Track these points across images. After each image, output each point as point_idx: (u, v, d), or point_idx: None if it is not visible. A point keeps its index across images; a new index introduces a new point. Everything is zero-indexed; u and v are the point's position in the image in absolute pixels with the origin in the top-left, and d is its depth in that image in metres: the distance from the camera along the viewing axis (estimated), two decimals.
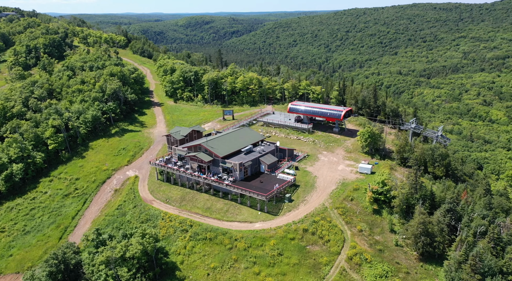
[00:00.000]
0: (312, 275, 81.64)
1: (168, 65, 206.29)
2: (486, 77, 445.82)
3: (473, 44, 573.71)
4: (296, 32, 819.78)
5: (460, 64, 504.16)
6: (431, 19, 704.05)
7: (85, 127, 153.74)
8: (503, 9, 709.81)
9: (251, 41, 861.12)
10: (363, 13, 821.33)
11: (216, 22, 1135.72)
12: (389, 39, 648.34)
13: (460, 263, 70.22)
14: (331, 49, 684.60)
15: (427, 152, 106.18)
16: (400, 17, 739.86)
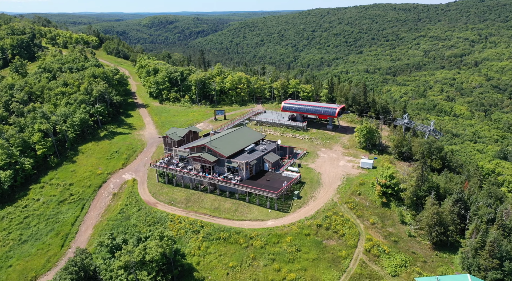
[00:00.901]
0: (332, 269, 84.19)
1: (151, 65, 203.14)
2: (447, 74, 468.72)
3: (432, 43, 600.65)
4: (262, 31, 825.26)
5: (422, 62, 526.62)
6: (392, 19, 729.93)
7: (73, 130, 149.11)
8: (456, 9, 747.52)
9: (217, 41, 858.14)
10: (327, 13, 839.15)
11: (181, 21, 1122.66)
12: (354, 39, 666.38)
13: (476, 249, 75.02)
14: (299, 48, 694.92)
15: (424, 146, 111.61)
16: (363, 17, 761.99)
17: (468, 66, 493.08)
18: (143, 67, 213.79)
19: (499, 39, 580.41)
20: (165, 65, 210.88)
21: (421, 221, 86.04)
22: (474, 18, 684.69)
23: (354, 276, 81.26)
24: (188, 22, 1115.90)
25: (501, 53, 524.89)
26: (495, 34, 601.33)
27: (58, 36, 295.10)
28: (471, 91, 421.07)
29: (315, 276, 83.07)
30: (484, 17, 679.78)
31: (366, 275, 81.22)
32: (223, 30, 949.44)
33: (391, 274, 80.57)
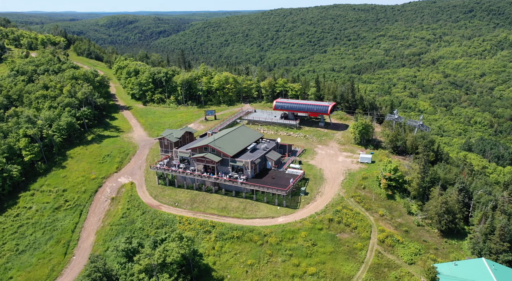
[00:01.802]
0: (350, 260, 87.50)
1: (131, 66, 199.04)
2: (409, 71, 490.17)
3: (392, 42, 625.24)
4: (226, 31, 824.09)
5: (384, 60, 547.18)
6: (352, 19, 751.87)
7: (60, 135, 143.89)
8: (411, 10, 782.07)
9: (181, 41, 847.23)
10: (290, 13, 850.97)
11: (141, 21, 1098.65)
12: (317, 38, 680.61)
13: (486, 235, 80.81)
14: (264, 48, 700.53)
15: (418, 140, 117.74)
16: (325, 17, 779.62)
17: (426, 64, 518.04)
18: (122, 68, 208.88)
19: (452, 38, 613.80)
20: (145, 66, 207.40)
21: (430, 210, 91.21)
22: (428, 18, 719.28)
23: (372, 266, 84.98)
24: (149, 22, 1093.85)
25: (455, 52, 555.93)
26: (448, 33, 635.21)
27: (22, 37, 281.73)
28: (431, 87, 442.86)
29: (334, 269, 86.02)
30: (437, 18, 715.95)
31: (384, 264, 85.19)
32: (186, 30, 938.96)
33: (407, 262, 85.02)
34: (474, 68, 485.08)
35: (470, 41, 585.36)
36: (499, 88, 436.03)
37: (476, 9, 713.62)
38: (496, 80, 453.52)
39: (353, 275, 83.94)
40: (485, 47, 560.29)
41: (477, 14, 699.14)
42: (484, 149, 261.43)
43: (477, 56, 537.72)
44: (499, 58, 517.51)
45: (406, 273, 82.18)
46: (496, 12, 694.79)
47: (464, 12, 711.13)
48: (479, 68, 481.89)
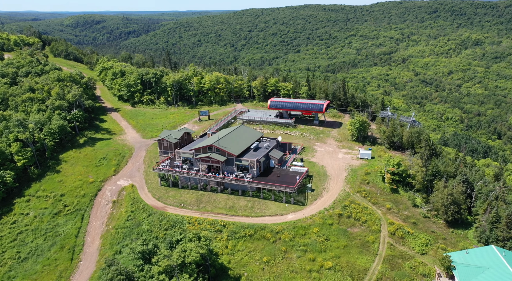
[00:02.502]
0: (364, 253, 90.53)
1: (117, 68, 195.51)
2: (381, 70, 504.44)
3: (363, 41, 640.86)
4: (199, 31, 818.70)
5: (357, 59, 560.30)
6: (323, 19, 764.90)
7: (52, 138, 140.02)
8: (379, 10, 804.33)
9: (152, 42, 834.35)
10: (261, 13, 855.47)
11: (108, 21, 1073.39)
12: (290, 38, 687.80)
13: (493, 223, 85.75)
14: (237, 48, 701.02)
15: (414, 135, 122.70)
16: (296, 17, 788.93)
17: (397, 63, 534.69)
18: (106, 70, 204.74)
19: (419, 38, 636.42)
20: (130, 67, 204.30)
21: (436, 202, 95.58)
22: (395, 18, 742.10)
23: (387, 258, 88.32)
24: (117, 22, 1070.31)
25: (423, 51, 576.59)
26: (415, 33, 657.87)
27: None
28: (403, 85, 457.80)
29: (349, 262, 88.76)
30: (404, 18, 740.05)
31: (398, 256, 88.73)
32: (157, 30, 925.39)
33: (419, 252, 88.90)
34: (442, 66, 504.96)
35: (436, 41, 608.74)
36: (466, 85, 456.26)
37: (440, 9, 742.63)
38: (463, 77, 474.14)
39: (369, 267, 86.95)
40: (450, 46, 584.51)
41: (441, 15, 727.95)
42: (459, 143, 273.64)
43: (444, 54, 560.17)
44: (464, 57, 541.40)
45: (420, 263, 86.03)
46: (459, 12, 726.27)
47: (429, 13, 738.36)
48: (446, 66, 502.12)
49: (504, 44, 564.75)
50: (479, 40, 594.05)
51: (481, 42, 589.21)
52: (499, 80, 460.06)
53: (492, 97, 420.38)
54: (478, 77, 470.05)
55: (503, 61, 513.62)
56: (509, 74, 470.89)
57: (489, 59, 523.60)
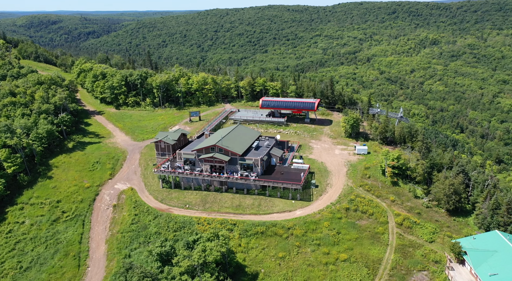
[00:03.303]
0: (376, 244, 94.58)
1: (98, 70, 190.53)
2: (348, 69, 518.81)
3: (328, 41, 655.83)
4: (163, 32, 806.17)
5: (324, 59, 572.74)
6: (288, 20, 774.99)
7: (40, 144, 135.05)
8: (342, 11, 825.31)
9: (114, 42, 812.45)
10: (226, 14, 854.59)
11: (65, 21, 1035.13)
12: (257, 38, 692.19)
13: (493, 210, 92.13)
14: (204, 48, 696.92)
15: (405, 130, 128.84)
16: (261, 18, 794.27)
17: (362, 62, 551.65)
18: (85, 72, 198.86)
19: (381, 37, 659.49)
20: (110, 68, 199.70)
21: (437, 192, 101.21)
22: (357, 19, 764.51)
23: (398, 247, 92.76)
24: (75, 22, 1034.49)
25: (385, 50, 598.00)
26: (377, 33, 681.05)
27: None
28: (370, 83, 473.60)
29: (363, 253, 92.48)
30: (365, 18, 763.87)
31: (408, 245, 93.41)
32: (119, 30, 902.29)
33: (428, 241, 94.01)
34: (404, 65, 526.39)
35: (397, 40, 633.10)
36: (427, 82, 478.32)
37: (398, 10, 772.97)
38: (424, 75, 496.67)
39: (382, 257, 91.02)
40: (410, 46, 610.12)
41: (400, 15, 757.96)
42: (429, 137, 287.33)
43: (405, 53, 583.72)
44: (423, 56, 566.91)
45: (430, 250, 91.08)
46: (415, 13, 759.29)
47: (388, 13, 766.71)
48: (408, 65, 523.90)
49: (458, 43, 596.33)
50: (436, 40, 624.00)
51: (438, 42, 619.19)
52: (457, 78, 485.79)
53: (452, 93, 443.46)
54: (438, 74, 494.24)
55: (459, 60, 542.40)
56: (465, 71, 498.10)
57: (447, 58, 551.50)
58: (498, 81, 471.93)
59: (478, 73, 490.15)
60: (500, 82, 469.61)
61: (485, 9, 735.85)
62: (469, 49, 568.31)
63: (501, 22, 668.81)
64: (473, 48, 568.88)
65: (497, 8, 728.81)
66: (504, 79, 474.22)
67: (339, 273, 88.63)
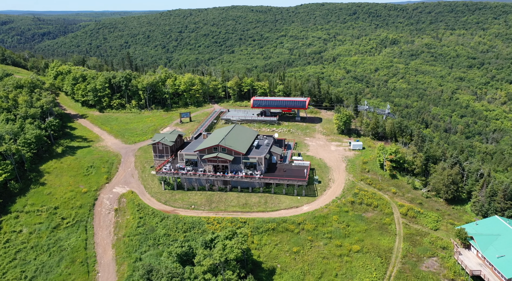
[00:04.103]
0: (385, 234, 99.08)
1: (77, 72, 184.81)
2: (316, 68, 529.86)
3: (294, 41, 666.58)
4: (125, 33, 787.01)
5: (291, 59, 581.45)
6: (252, 20, 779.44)
7: (29, 149, 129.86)
8: (304, 12, 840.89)
9: (72, 44, 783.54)
10: (190, 14, 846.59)
11: (17, 22, 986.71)
12: (223, 39, 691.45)
13: (490, 197, 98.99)
14: (169, 49, 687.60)
15: (396, 126, 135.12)
16: (226, 18, 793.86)
17: (328, 61, 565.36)
18: (63, 74, 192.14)
19: (344, 37, 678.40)
20: (89, 71, 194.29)
21: (436, 183, 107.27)
22: (320, 19, 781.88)
23: (406, 236, 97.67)
24: (27, 23, 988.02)
25: (349, 50, 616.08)
26: (340, 33, 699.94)
27: None
28: (338, 82, 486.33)
29: (374, 243, 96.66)
30: (328, 19, 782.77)
31: (415, 233, 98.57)
32: (77, 31, 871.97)
33: (433, 228, 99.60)
34: (369, 64, 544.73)
35: (359, 40, 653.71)
36: (391, 80, 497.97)
37: (359, 11, 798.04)
38: (388, 74, 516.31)
39: (392, 246, 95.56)
40: (372, 45, 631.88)
41: (360, 16, 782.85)
42: None
43: (368, 53, 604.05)
44: (385, 55, 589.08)
45: (436, 237, 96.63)
46: (375, 14, 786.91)
47: (349, 14, 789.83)
48: (372, 64, 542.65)
49: (416, 43, 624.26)
50: (396, 40, 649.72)
51: (397, 42, 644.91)
52: (418, 76, 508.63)
53: (415, 90, 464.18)
54: (401, 73, 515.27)
55: (418, 58, 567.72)
56: (425, 70, 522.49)
57: (406, 57, 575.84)
58: (455, 78, 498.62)
59: (437, 71, 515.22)
60: (457, 79, 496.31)
61: (438, 10, 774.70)
62: (426, 48, 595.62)
63: (453, 23, 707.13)
64: (430, 47, 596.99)
65: (449, 9, 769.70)
66: (460, 76, 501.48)
67: (354, 263, 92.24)
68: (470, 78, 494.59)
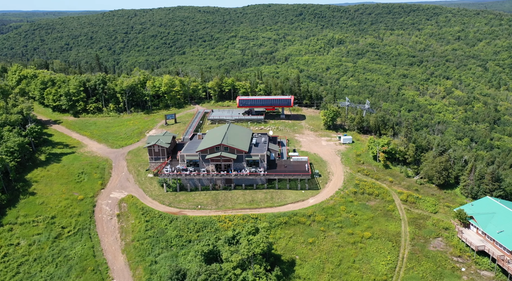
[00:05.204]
0: (390, 220, 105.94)
1: (46, 76, 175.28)
2: (270, 68, 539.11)
3: (244, 42, 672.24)
4: (65, 34, 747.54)
5: (244, 59, 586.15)
6: (201, 21, 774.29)
7: (13, 158, 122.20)
8: (252, 13, 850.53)
9: (5, 46, 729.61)
10: (134, 15, 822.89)
11: None
12: (172, 40, 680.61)
13: (479, 180, 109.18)
14: (116, 51, 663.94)
15: (379, 120, 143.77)
16: (173, 19, 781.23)
17: (281, 61, 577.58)
18: (28, 79, 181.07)
19: (293, 38, 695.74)
20: (58, 74, 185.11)
21: (429, 170, 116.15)
22: (268, 20, 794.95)
23: (411, 220, 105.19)
24: None
25: (300, 49, 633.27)
26: (289, 34, 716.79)
27: None
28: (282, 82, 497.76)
29: (382, 229, 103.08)
30: (275, 20, 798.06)
31: (418, 217, 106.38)
32: (9, 33, 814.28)
33: (433, 212, 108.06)
34: (320, 63, 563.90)
35: (308, 40, 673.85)
36: (342, 78, 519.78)
37: (305, 12, 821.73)
38: (338, 72, 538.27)
39: (400, 231, 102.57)
40: (320, 45, 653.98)
41: (306, 17, 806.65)
42: None
43: (317, 52, 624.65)
44: (333, 54, 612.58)
45: (437, 220, 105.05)
46: (320, 15, 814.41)
47: (296, 15, 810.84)
48: (323, 63, 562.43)
49: (361, 42, 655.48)
50: (342, 40, 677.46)
51: (343, 41, 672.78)
52: (367, 73, 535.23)
53: (365, 87, 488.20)
54: (350, 71, 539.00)
55: (364, 57, 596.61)
56: (372, 68, 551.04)
57: (353, 56, 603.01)
58: (400, 76, 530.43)
59: (383, 69, 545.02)
60: (401, 76, 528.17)
61: (377, 11, 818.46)
62: (371, 47, 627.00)
63: (392, 24, 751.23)
64: (374, 47, 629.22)
65: (387, 11, 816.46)
66: (404, 73, 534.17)
67: (368, 249, 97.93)
68: (412, 75, 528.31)
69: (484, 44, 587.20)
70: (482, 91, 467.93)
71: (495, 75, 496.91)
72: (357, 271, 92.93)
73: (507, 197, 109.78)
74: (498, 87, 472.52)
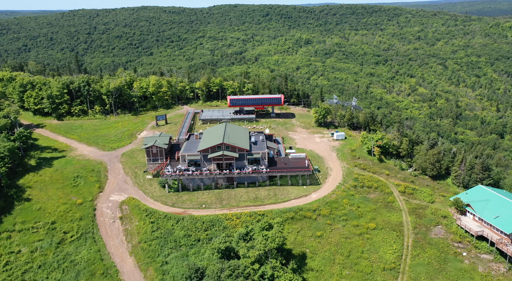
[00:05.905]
0: (392, 211, 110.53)
1: (24, 79, 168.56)
2: (241, 68, 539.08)
3: (213, 42, 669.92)
4: (21, 35, 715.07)
5: (214, 60, 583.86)
6: (167, 21, 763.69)
7: (3, 164, 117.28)
8: (218, 13, 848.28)
9: None
10: (97, 15, 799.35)
11: None
12: (138, 41, 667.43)
13: (469, 170, 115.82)
14: (79, 52, 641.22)
15: (368, 116, 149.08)
16: (138, 19, 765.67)
17: (251, 61, 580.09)
18: (5, 81, 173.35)
19: (261, 38, 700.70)
20: (36, 77, 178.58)
21: (423, 162, 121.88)
22: (235, 21, 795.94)
23: (410, 211, 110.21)
24: None
25: (269, 50, 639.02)
26: (257, 34, 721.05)
27: None
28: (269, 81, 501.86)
29: (385, 220, 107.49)
30: (242, 20, 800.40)
31: (417, 207, 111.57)
32: None
33: (430, 202, 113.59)
34: (290, 62, 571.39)
35: (276, 40, 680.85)
36: (313, 78, 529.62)
37: (271, 13, 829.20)
38: (309, 71, 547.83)
39: (401, 220, 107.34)
40: (289, 45, 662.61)
41: (273, 17, 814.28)
42: None
43: (286, 52, 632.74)
44: (302, 54, 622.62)
45: (435, 209, 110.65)
46: (286, 16, 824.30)
47: (263, 15, 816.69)
48: (293, 63, 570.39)
49: (328, 42, 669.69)
50: (309, 40, 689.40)
51: (310, 41, 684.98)
52: (336, 72, 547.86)
53: (335, 86, 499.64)
54: (320, 70, 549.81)
55: (332, 57, 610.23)
56: (340, 67, 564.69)
57: (321, 55, 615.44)
58: (367, 74, 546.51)
59: (350, 68, 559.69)
60: (368, 75, 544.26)
61: (341, 12, 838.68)
62: (337, 47, 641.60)
63: (356, 24, 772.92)
64: (340, 46, 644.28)
65: (351, 12, 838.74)
66: (371, 72, 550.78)
67: (375, 239, 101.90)
68: (378, 73, 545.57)
69: (443, 43, 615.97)
70: (443, 88, 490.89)
71: (454, 72, 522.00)
72: (367, 261, 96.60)
73: (495, 185, 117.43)
74: (458, 84, 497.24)
